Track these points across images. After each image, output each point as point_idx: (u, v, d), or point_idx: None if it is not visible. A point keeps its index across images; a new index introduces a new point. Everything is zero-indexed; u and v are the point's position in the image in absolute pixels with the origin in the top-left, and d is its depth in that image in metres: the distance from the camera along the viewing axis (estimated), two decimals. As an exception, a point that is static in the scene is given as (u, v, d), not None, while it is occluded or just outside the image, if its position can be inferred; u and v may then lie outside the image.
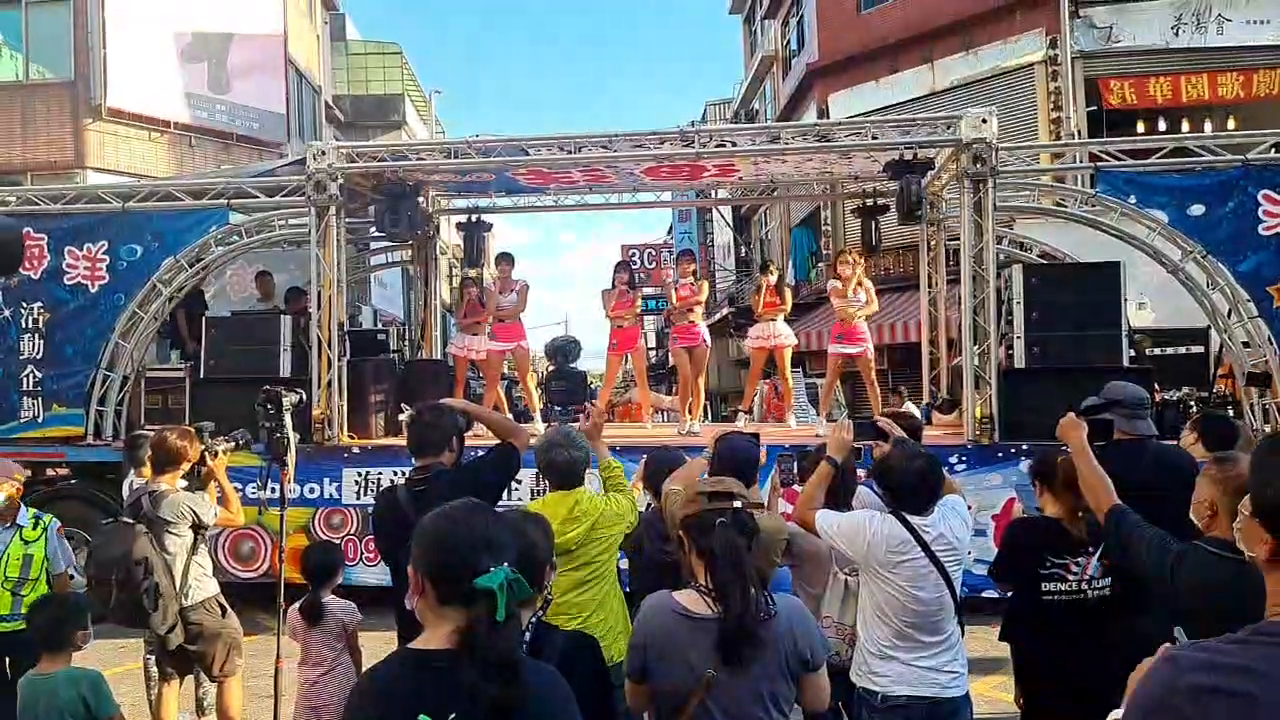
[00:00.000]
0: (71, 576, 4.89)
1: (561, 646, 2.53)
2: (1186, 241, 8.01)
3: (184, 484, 5.00)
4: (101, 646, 5.85)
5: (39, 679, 3.76)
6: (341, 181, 8.63)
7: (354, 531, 8.16)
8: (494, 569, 1.79)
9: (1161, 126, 15.29)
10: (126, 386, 9.17)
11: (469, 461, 4.06)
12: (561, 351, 10.73)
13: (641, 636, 2.63)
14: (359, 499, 8.17)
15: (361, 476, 8.25)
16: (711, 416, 17.74)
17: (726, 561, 2.54)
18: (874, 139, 8.58)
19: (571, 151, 8.80)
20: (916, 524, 3.33)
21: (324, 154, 8.66)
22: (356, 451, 8.43)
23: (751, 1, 29.73)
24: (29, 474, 5.23)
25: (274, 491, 5.02)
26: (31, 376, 9.03)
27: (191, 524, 4.87)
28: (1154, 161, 8.37)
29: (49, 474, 9.18)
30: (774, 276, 9.73)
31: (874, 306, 9.52)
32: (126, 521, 4.80)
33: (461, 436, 4.02)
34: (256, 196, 9.33)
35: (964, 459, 7.62)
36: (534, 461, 4.07)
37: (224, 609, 5.06)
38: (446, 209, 11.81)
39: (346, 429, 8.59)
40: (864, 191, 10.63)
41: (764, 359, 9.75)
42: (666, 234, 39.22)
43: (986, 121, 7.85)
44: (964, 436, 7.92)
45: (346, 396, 8.64)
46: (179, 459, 4.94)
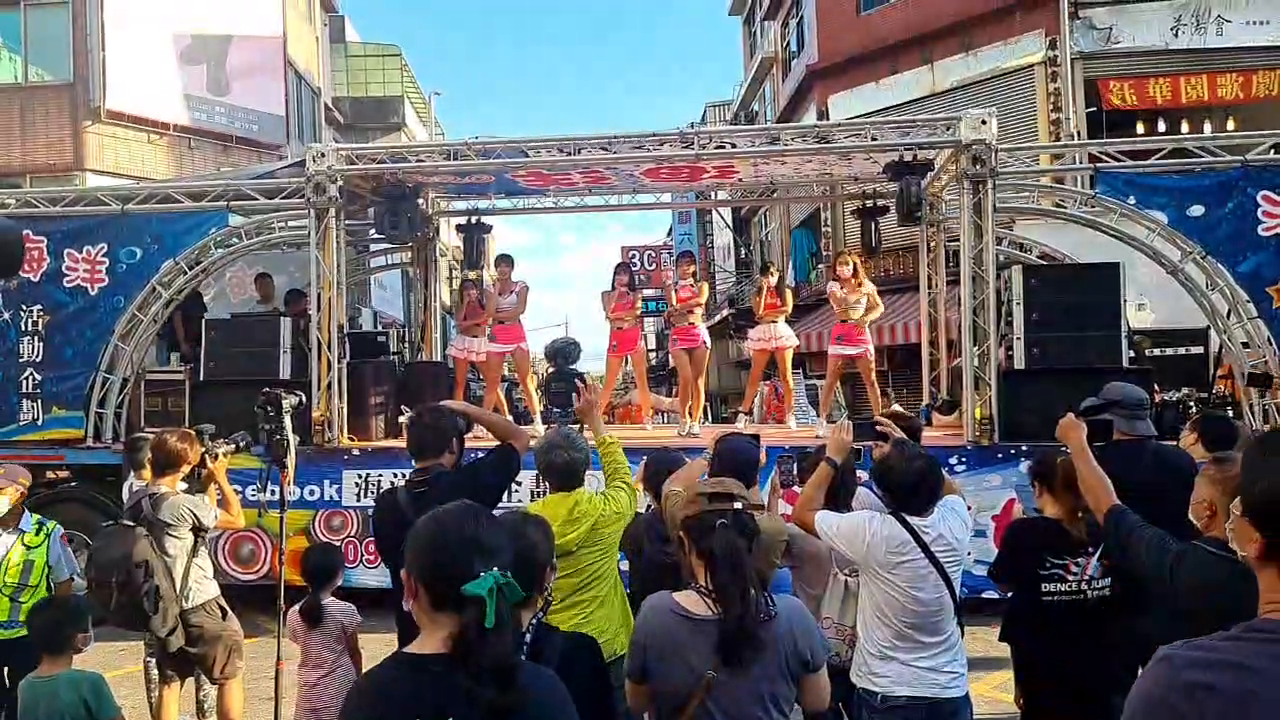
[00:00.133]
0: (72, 580, 4.89)
1: (561, 647, 2.53)
2: (1186, 242, 8.02)
3: (184, 486, 5.00)
4: (102, 649, 5.86)
5: (40, 682, 3.76)
6: (341, 183, 8.64)
7: (354, 534, 8.16)
8: (484, 574, 1.77)
9: (1161, 127, 15.30)
10: (126, 389, 9.18)
11: (469, 463, 4.06)
12: (561, 353, 10.70)
13: (641, 637, 2.64)
14: (359, 501, 8.17)
15: (361, 479, 8.25)
16: (711, 418, 17.73)
17: (726, 563, 2.54)
18: (873, 140, 8.59)
19: (571, 153, 8.80)
20: (916, 525, 3.33)
21: (323, 156, 8.66)
22: (356, 454, 8.43)
23: (751, 3, 29.74)
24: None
25: (274, 494, 5.02)
26: (31, 379, 9.03)
27: (192, 526, 4.87)
28: (1153, 162, 8.38)
29: (49, 476, 9.18)
30: (774, 278, 9.74)
31: (879, 310, 9.54)
32: (127, 524, 4.80)
33: (461, 438, 4.02)
34: (256, 199, 9.33)
35: (964, 460, 7.62)
36: (534, 463, 4.08)
37: (224, 611, 5.06)
38: (446, 211, 11.81)
39: (346, 431, 8.59)
40: (864, 193, 10.64)
41: (765, 361, 9.75)
42: (666, 235, 39.21)
43: (986, 123, 7.86)
44: (964, 437, 7.92)
45: (346, 399, 8.64)
46: (179, 461, 4.94)
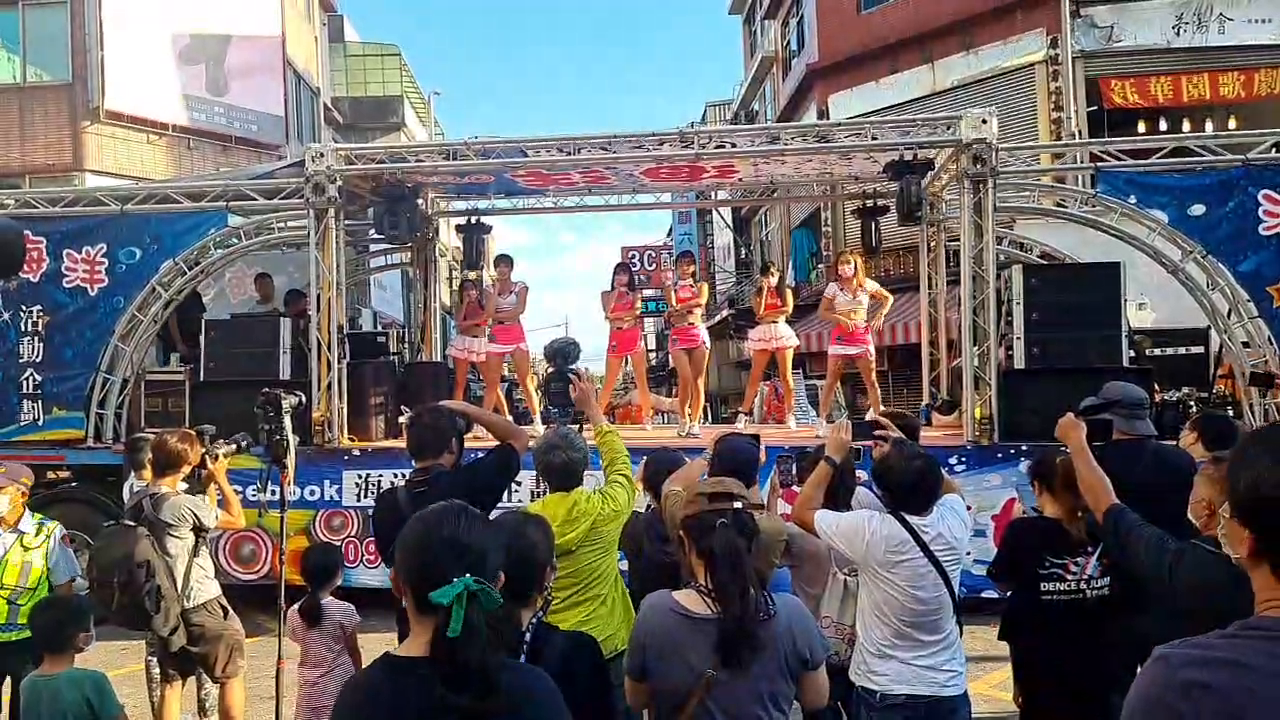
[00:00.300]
0: (73, 581, 4.88)
1: (561, 647, 2.54)
2: (1186, 241, 8.02)
3: (184, 487, 5.01)
4: (103, 648, 5.88)
5: (42, 680, 3.76)
6: (340, 184, 8.64)
7: (354, 534, 8.17)
8: (455, 580, 1.73)
9: (1162, 126, 15.30)
10: (126, 389, 9.18)
11: (469, 463, 4.07)
12: (561, 353, 10.69)
13: (641, 635, 2.65)
14: (359, 501, 8.18)
15: (361, 479, 8.26)
16: (711, 418, 17.75)
17: (726, 562, 2.55)
18: (874, 140, 8.58)
19: (571, 153, 8.80)
20: (915, 524, 3.34)
21: (322, 156, 8.66)
22: (356, 454, 8.43)
23: (751, 2, 29.74)
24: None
25: (274, 494, 5.02)
26: (31, 379, 9.04)
27: (192, 526, 4.88)
28: (1154, 161, 8.37)
29: (50, 477, 9.19)
30: (774, 278, 9.75)
31: (889, 302, 9.69)
32: (128, 524, 4.80)
33: (461, 438, 4.03)
34: (255, 199, 9.33)
35: (964, 459, 7.62)
36: (533, 463, 4.08)
37: (226, 611, 5.07)
38: (445, 211, 11.81)
39: (346, 431, 8.59)
40: (864, 192, 10.64)
41: (765, 361, 9.76)
42: (666, 235, 39.22)
43: (986, 122, 7.86)
44: (963, 437, 7.93)
45: (346, 399, 8.64)
46: (179, 462, 4.94)
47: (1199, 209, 7.97)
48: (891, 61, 18.48)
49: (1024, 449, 7.40)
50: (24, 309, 9.07)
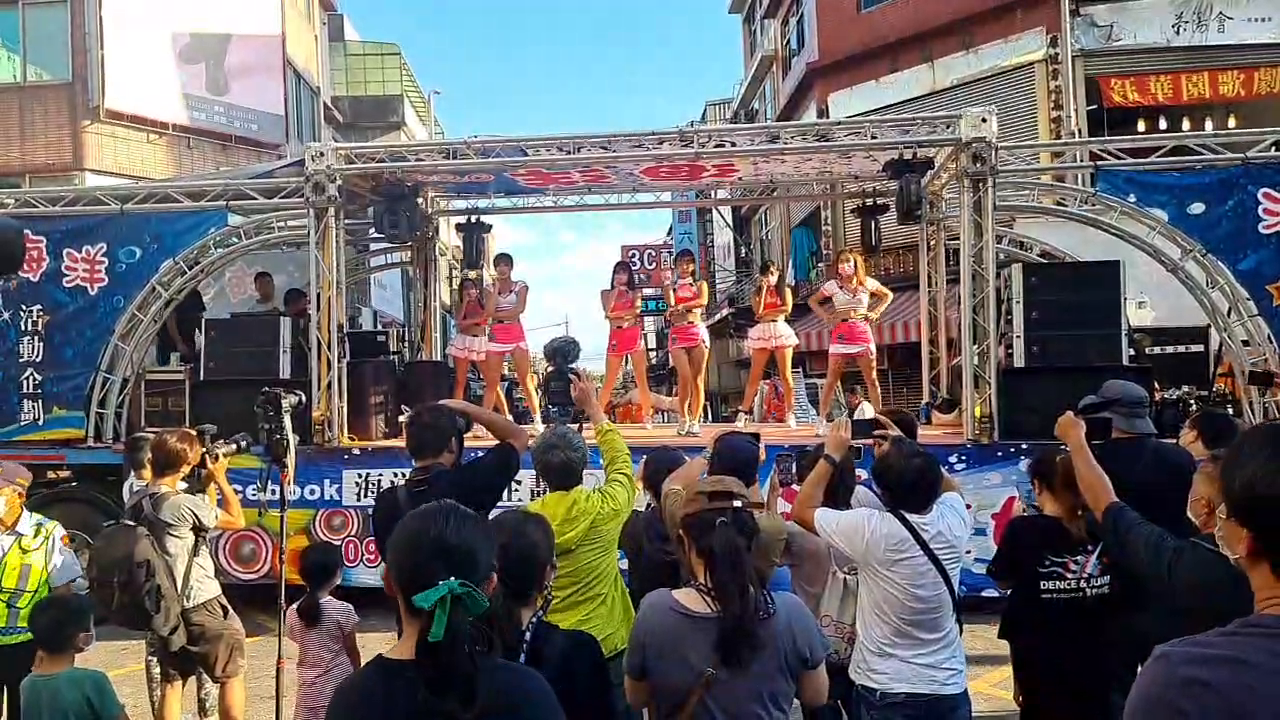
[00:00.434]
0: (73, 582, 4.87)
1: (561, 646, 2.53)
2: (1186, 240, 8.02)
3: (184, 486, 5.01)
4: (103, 648, 5.88)
5: (42, 680, 3.76)
6: (340, 183, 8.64)
7: (354, 533, 8.17)
8: (440, 583, 1.69)
9: (1162, 125, 15.29)
10: (126, 389, 9.18)
11: (469, 462, 4.07)
12: (561, 352, 10.71)
13: (641, 634, 2.65)
14: (359, 500, 8.18)
15: (361, 478, 8.26)
16: (711, 417, 17.76)
17: (726, 561, 2.55)
18: (873, 138, 8.58)
19: (570, 152, 8.80)
20: (915, 522, 3.34)
21: (322, 155, 8.66)
22: (356, 453, 8.43)
23: (751, 1, 29.73)
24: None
25: (274, 493, 5.01)
26: (31, 379, 9.04)
27: (192, 526, 4.88)
28: (1154, 160, 8.37)
29: (50, 476, 9.19)
30: (774, 277, 9.75)
31: (888, 299, 9.71)
32: (128, 524, 4.80)
33: (461, 437, 4.03)
34: (255, 198, 9.32)
35: (963, 458, 7.63)
36: (532, 463, 4.08)
37: (226, 610, 5.06)
38: (445, 210, 11.82)
39: (346, 430, 8.59)
40: (864, 191, 10.64)
41: (765, 360, 9.76)
42: (666, 234, 39.20)
43: (986, 120, 7.86)
44: (963, 436, 7.93)
45: (346, 398, 8.64)
46: (179, 462, 4.94)
47: (1198, 207, 7.97)
48: (891, 60, 18.48)
49: (1024, 447, 7.40)
50: (24, 308, 9.07)
